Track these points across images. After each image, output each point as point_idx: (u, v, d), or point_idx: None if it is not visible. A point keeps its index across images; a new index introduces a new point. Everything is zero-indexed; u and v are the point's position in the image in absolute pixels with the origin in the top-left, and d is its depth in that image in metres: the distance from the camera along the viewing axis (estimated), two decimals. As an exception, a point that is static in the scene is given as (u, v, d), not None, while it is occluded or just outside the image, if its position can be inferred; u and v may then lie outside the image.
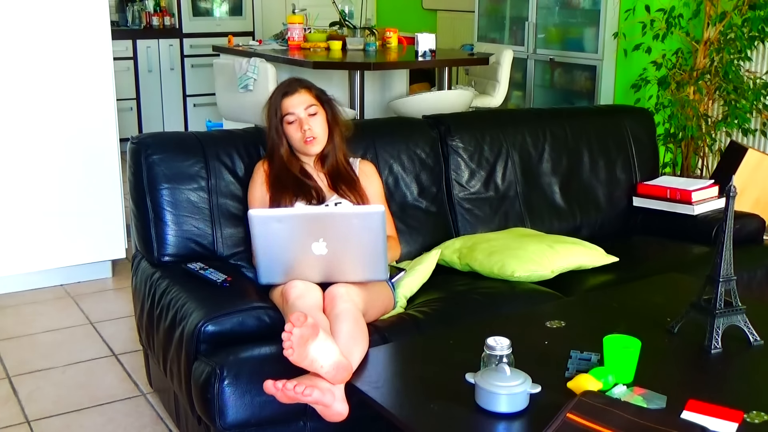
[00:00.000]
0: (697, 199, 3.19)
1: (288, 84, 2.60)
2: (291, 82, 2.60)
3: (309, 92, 2.57)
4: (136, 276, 2.70)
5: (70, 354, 3.21)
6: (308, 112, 2.54)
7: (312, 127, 2.54)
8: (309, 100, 2.56)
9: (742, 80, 4.72)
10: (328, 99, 2.63)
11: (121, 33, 6.75)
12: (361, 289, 2.30)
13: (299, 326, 1.87)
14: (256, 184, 2.59)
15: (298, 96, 2.55)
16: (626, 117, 3.56)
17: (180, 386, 2.28)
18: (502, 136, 3.20)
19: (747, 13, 4.60)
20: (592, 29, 5.44)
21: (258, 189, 2.58)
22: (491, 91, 5.44)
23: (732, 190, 1.97)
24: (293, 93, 2.55)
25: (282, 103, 2.55)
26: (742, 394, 1.84)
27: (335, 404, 1.95)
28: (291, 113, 2.54)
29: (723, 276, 2.01)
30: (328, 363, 1.92)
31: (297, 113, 2.54)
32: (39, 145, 3.74)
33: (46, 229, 3.81)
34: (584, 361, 1.92)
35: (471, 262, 2.77)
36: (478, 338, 1.88)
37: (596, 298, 2.53)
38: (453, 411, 1.73)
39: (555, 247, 2.80)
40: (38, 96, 3.71)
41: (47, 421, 2.73)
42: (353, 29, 5.77)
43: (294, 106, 2.54)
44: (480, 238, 2.90)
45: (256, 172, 2.61)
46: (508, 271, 2.68)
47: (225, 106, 5.13)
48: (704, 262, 2.39)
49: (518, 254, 2.72)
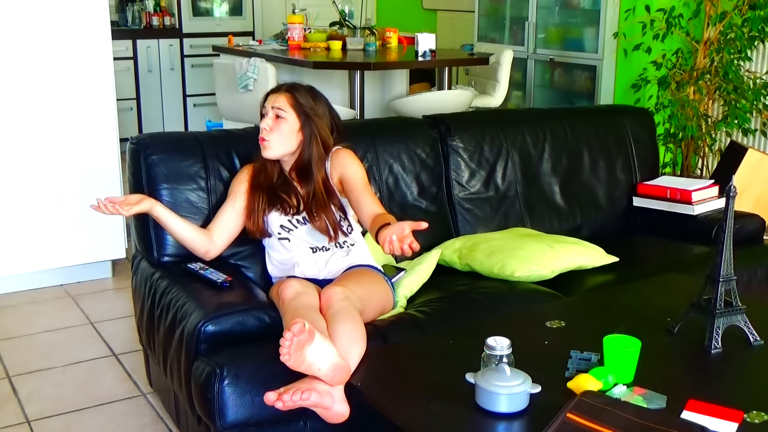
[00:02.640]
0: (697, 199, 3.19)
1: (278, 85, 2.57)
2: (283, 83, 2.57)
3: (289, 97, 2.48)
4: (136, 276, 2.70)
5: (70, 354, 3.21)
6: (275, 113, 2.47)
7: (271, 127, 2.46)
8: (283, 103, 2.47)
9: (742, 80, 4.72)
10: (311, 115, 2.48)
11: (121, 33, 6.75)
12: (359, 287, 2.30)
13: (297, 335, 1.87)
14: (238, 180, 2.56)
15: (277, 95, 2.50)
16: (626, 117, 3.56)
17: (180, 386, 2.28)
18: (502, 136, 3.20)
19: (747, 13, 4.60)
20: (592, 29, 5.43)
21: (237, 186, 2.54)
22: (491, 91, 5.44)
23: (732, 190, 1.97)
24: (276, 92, 2.52)
25: (267, 99, 2.53)
26: (742, 394, 1.83)
27: (335, 405, 1.95)
28: (264, 107, 2.51)
29: (723, 276, 2.00)
30: (326, 365, 1.91)
31: (267, 109, 2.50)
32: (39, 145, 3.74)
33: (46, 229, 3.81)
34: (584, 361, 1.92)
35: (471, 261, 2.77)
36: (478, 338, 1.88)
37: (596, 298, 2.53)
38: (453, 411, 1.73)
39: (555, 247, 2.80)
40: (38, 96, 3.71)
41: (47, 421, 2.73)
42: (353, 29, 5.77)
43: (269, 102, 2.50)
44: (480, 238, 2.90)
45: (240, 173, 2.58)
46: (507, 271, 2.68)
47: (225, 106, 5.13)
48: (704, 262, 2.39)
49: (518, 254, 2.72)
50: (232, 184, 2.58)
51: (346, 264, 2.49)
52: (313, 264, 2.48)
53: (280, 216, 2.50)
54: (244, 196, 2.52)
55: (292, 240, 2.50)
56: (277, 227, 2.51)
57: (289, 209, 2.50)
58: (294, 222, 2.50)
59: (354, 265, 2.49)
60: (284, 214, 2.50)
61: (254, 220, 2.50)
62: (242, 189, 2.53)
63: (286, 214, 2.50)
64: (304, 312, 2.12)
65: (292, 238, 2.50)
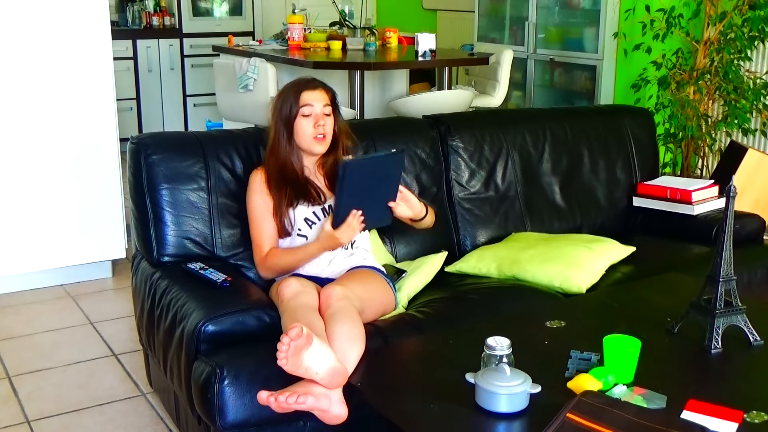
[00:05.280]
0: (697, 199, 3.19)
1: (309, 80, 2.57)
2: (311, 79, 2.58)
3: (327, 93, 2.56)
4: (136, 276, 2.70)
5: (70, 354, 3.21)
6: (324, 111, 2.52)
7: (326, 125, 2.52)
8: (327, 100, 2.55)
9: (742, 80, 4.72)
10: (338, 107, 2.62)
11: (121, 33, 6.74)
12: (359, 287, 2.30)
13: (295, 340, 1.87)
14: (256, 193, 2.53)
15: (319, 92, 2.53)
16: (626, 117, 3.56)
17: (180, 386, 2.28)
18: (502, 136, 3.20)
19: (747, 13, 4.60)
20: (592, 29, 5.43)
21: (258, 197, 2.52)
22: (491, 91, 5.43)
23: (732, 190, 1.97)
24: (314, 88, 2.53)
25: (302, 94, 2.51)
26: (742, 394, 1.84)
27: (332, 408, 1.94)
28: (310, 105, 2.50)
29: (723, 276, 2.01)
30: (323, 370, 1.91)
31: (315, 107, 2.51)
32: (39, 145, 3.74)
33: (46, 229, 3.81)
34: (584, 361, 1.92)
35: (518, 273, 2.72)
36: (478, 338, 1.88)
37: (596, 298, 2.54)
38: (453, 411, 1.73)
39: (592, 247, 2.82)
40: (38, 96, 3.71)
41: (47, 421, 2.73)
42: (353, 29, 5.77)
43: (314, 100, 2.51)
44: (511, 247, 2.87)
45: (253, 182, 2.55)
46: (575, 287, 2.64)
47: (225, 106, 5.13)
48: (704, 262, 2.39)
49: (567, 262, 2.71)
50: (251, 201, 2.54)
51: (349, 265, 2.49)
52: (317, 262, 2.48)
53: (307, 208, 2.51)
54: (270, 203, 2.51)
55: (309, 238, 2.50)
56: (301, 221, 2.51)
57: (314, 200, 2.52)
58: (318, 213, 2.51)
59: (357, 266, 2.49)
60: (310, 206, 2.51)
61: (279, 218, 2.50)
62: (264, 197, 2.52)
63: (312, 205, 2.51)
64: (302, 312, 2.12)
65: (310, 236, 2.50)
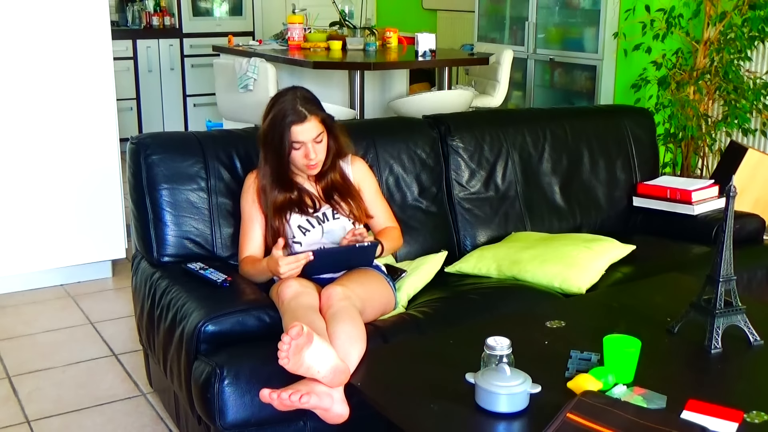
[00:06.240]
0: (697, 199, 3.19)
1: (297, 111, 2.42)
2: (297, 110, 2.42)
3: (317, 118, 2.45)
4: (136, 276, 2.70)
5: (70, 354, 3.21)
6: (315, 140, 2.46)
7: (317, 153, 2.47)
8: (317, 128, 2.45)
9: (742, 80, 4.72)
10: (329, 117, 2.53)
11: (121, 33, 6.74)
12: (360, 287, 2.30)
13: (296, 338, 1.87)
14: (247, 200, 2.53)
15: (308, 124, 2.43)
16: (626, 117, 3.55)
17: (180, 386, 2.28)
18: (502, 136, 3.20)
19: (747, 13, 4.60)
20: (592, 29, 5.44)
21: (248, 204, 2.52)
22: (491, 91, 5.43)
23: (732, 190, 1.97)
24: (303, 121, 2.42)
25: (291, 130, 2.42)
26: (742, 394, 1.84)
27: (334, 407, 1.95)
28: (298, 142, 2.43)
29: (723, 276, 2.01)
30: (325, 368, 1.91)
31: (304, 141, 2.44)
32: (39, 145, 3.74)
33: (46, 229, 3.81)
34: (584, 361, 1.92)
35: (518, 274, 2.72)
36: (478, 338, 1.88)
37: (596, 298, 2.54)
38: (453, 411, 1.73)
39: (591, 247, 2.81)
40: (38, 96, 3.71)
41: (47, 421, 2.73)
42: (353, 29, 5.77)
43: (303, 135, 2.43)
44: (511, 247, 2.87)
45: (246, 186, 2.55)
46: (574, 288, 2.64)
47: (225, 106, 5.13)
48: (704, 262, 2.39)
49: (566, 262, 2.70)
50: (243, 205, 2.54)
51: None
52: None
53: (301, 216, 2.51)
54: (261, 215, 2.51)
55: (303, 244, 2.49)
56: (295, 228, 2.51)
57: (308, 209, 2.51)
58: (312, 221, 2.51)
59: (357, 266, 2.49)
60: (303, 215, 2.51)
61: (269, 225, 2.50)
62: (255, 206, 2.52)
63: (304, 215, 2.51)
64: (303, 312, 2.12)
65: (303, 242, 2.50)
